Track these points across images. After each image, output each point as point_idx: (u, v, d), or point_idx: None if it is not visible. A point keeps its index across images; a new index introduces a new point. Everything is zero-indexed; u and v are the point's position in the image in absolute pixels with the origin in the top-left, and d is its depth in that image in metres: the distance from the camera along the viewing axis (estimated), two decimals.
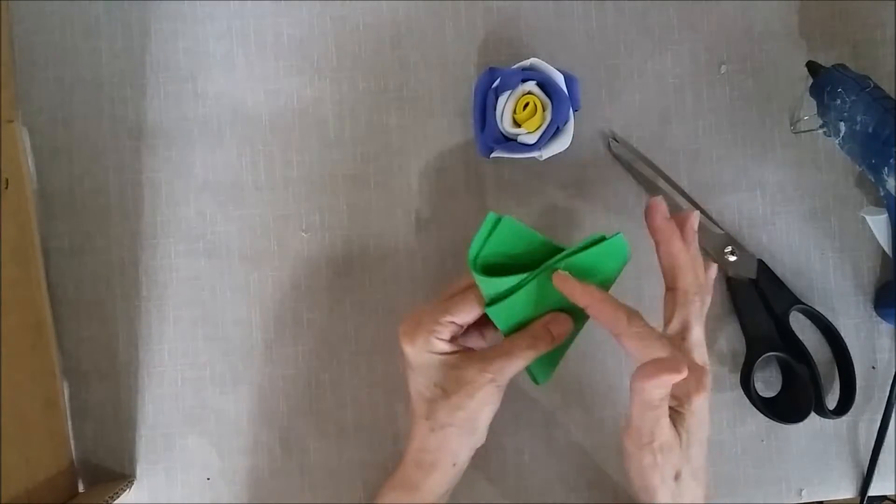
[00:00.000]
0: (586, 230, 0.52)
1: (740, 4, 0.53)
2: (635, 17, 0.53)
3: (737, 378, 0.52)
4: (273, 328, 0.52)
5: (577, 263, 0.43)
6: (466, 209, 0.52)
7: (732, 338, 0.52)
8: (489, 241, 0.43)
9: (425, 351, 0.44)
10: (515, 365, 0.43)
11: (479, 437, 0.45)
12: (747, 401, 0.52)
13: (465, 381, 0.43)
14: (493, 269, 0.44)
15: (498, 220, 0.43)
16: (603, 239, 0.43)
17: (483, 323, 0.46)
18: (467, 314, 0.44)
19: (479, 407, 0.44)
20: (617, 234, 0.44)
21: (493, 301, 0.44)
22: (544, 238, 0.44)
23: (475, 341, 0.47)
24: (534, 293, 0.44)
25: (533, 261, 0.44)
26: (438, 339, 0.44)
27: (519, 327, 0.44)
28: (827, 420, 0.52)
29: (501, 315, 0.44)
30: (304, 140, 0.52)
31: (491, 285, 0.43)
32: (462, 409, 0.43)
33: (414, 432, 0.45)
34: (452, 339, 0.44)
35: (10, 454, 0.43)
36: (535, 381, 0.46)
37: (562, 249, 0.44)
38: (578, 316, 0.44)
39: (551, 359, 0.45)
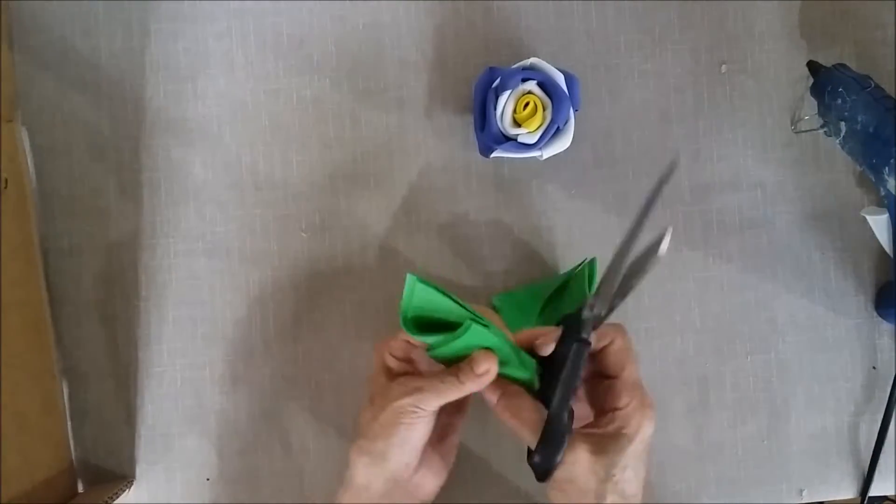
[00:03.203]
0: (586, 230, 0.52)
1: (740, 4, 0.53)
2: (635, 17, 0.53)
3: (736, 376, 0.52)
4: (273, 328, 0.52)
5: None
6: (466, 209, 0.52)
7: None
8: (413, 300, 0.42)
9: (378, 364, 0.45)
10: (437, 395, 0.42)
11: (390, 465, 0.43)
12: (747, 401, 0.52)
13: (387, 395, 0.43)
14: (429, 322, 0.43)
15: (415, 284, 0.42)
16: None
17: None
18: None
19: (389, 426, 0.42)
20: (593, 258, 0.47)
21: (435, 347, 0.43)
22: (456, 304, 0.43)
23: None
24: (470, 342, 0.42)
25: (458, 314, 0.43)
26: (391, 353, 0.45)
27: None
28: (828, 420, 0.52)
29: (447, 359, 0.44)
30: (304, 140, 0.52)
31: (426, 339, 0.43)
32: (374, 420, 0.42)
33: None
34: (409, 361, 0.45)
35: (9, 454, 0.43)
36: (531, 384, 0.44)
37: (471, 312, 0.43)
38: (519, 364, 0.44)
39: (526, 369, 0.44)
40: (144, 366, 0.51)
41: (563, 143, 0.48)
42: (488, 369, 0.42)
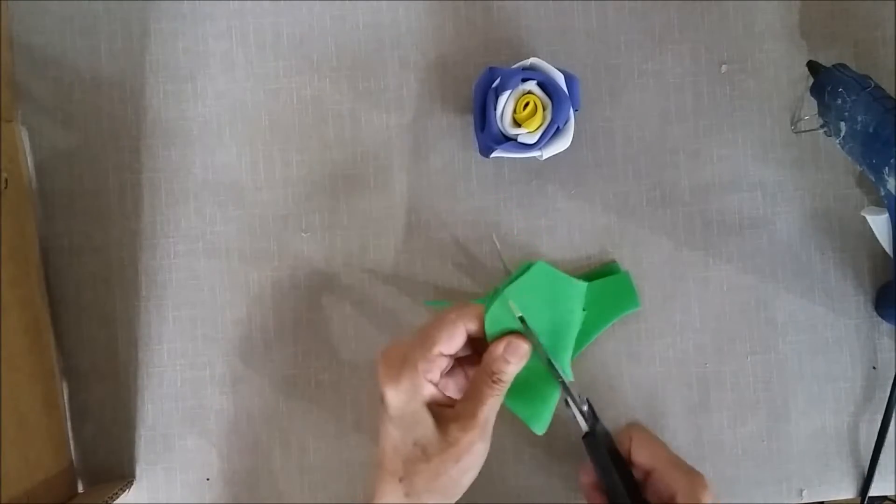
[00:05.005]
0: (586, 230, 0.52)
1: (740, 4, 0.53)
2: (635, 17, 0.53)
3: (736, 376, 0.52)
4: (273, 328, 0.52)
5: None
6: (466, 209, 0.52)
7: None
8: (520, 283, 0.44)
9: (412, 398, 0.39)
10: (494, 411, 0.40)
11: (457, 497, 0.41)
12: (747, 401, 0.52)
13: (449, 442, 0.39)
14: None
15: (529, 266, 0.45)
16: (611, 271, 0.50)
17: (467, 361, 0.44)
18: (453, 340, 0.41)
19: (464, 472, 0.40)
20: (625, 272, 0.51)
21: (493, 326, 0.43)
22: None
23: (458, 381, 0.44)
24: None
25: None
26: (430, 380, 0.40)
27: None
28: (828, 420, 0.52)
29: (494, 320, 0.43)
30: (304, 140, 0.52)
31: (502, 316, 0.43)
32: (444, 474, 0.39)
33: (383, 490, 0.41)
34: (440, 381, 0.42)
35: (9, 454, 0.43)
36: (533, 429, 0.45)
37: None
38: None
39: (541, 404, 0.45)
40: (144, 366, 0.51)
41: (563, 143, 0.48)
42: (526, 351, 0.42)
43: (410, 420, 0.40)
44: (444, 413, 0.40)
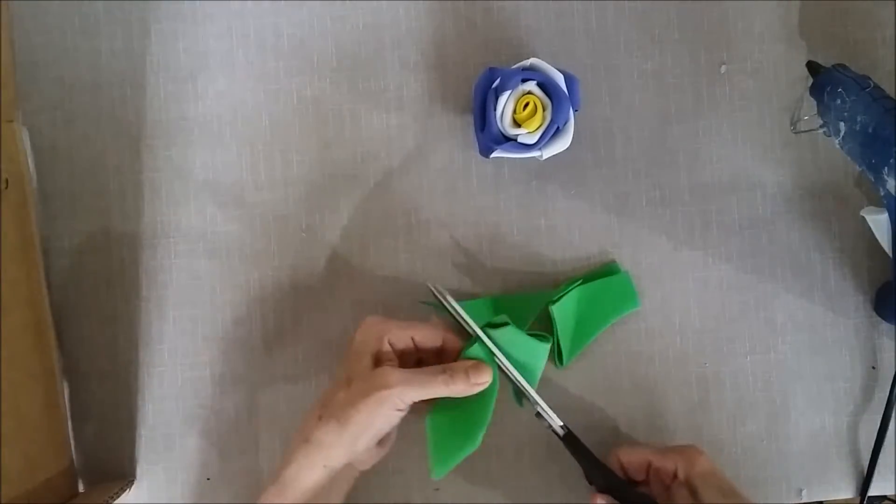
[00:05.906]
0: (586, 230, 0.52)
1: (740, 4, 0.53)
2: (635, 17, 0.53)
3: (736, 376, 0.52)
4: (273, 328, 0.52)
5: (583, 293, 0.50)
6: (466, 209, 0.52)
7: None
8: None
9: (369, 341, 0.44)
10: (423, 390, 0.43)
11: (357, 450, 0.43)
12: (747, 401, 0.52)
13: (369, 380, 0.42)
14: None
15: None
16: (611, 271, 0.51)
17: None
18: (427, 339, 0.46)
19: (369, 414, 0.42)
20: (624, 272, 0.51)
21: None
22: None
23: None
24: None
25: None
26: (391, 342, 0.45)
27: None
28: (827, 420, 0.52)
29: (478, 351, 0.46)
30: (304, 140, 0.52)
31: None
32: (351, 405, 0.42)
33: (308, 414, 0.45)
34: (400, 357, 0.45)
35: (10, 454, 0.43)
36: (431, 471, 0.45)
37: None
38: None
39: (452, 451, 0.45)
40: (144, 366, 0.51)
41: (563, 143, 0.48)
42: (485, 382, 0.45)
43: (355, 357, 0.44)
44: (388, 366, 0.44)
